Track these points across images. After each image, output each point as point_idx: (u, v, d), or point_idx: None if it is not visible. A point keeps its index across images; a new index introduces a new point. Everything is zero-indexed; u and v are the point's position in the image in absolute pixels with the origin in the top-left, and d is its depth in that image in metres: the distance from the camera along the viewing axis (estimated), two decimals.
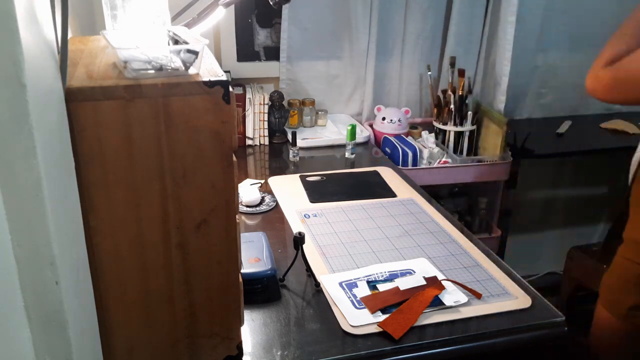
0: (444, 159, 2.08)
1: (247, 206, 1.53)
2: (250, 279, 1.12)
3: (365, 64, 2.23)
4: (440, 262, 1.26)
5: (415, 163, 2.03)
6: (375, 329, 1.03)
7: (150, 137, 0.77)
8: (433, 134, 2.19)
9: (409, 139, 2.13)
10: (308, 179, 1.72)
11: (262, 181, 1.71)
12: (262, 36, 2.22)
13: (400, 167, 1.96)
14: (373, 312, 1.07)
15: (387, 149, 2.09)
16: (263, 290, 1.16)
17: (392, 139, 2.09)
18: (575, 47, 2.46)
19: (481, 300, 1.12)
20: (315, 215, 1.48)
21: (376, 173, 1.78)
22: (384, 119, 2.17)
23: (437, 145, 2.16)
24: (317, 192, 1.63)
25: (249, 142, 2.02)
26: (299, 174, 1.75)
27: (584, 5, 2.39)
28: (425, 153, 2.09)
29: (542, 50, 2.42)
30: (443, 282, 1.15)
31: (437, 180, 2.08)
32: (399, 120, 2.16)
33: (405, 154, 2.02)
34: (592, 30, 2.45)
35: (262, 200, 1.57)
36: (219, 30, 2.10)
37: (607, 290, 1.40)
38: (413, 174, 1.95)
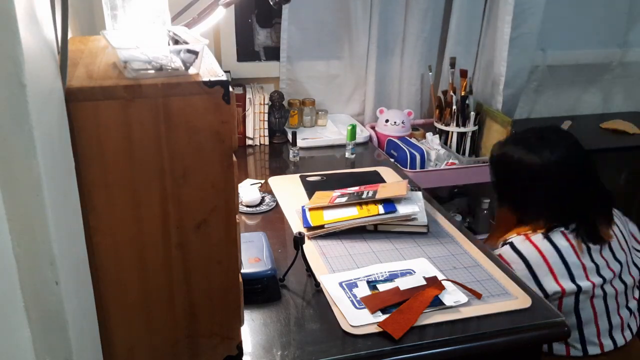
0: (450, 161, 2.07)
1: (247, 206, 1.53)
2: (250, 279, 1.12)
3: (366, 64, 2.23)
4: (440, 262, 1.26)
5: (422, 165, 2.02)
6: (375, 329, 1.03)
7: (150, 137, 0.77)
8: (437, 136, 2.18)
9: (413, 141, 2.12)
10: (308, 179, 1.72)
11: (262, 181, 1.71)
12: (262, 36, 2.22)
13: (408, 169, 1.95)
14: (373, 312, 1.07)
15: (392, 152, 2.08)
16: (263, 290, 1.16)
17: (397, 141, 2.08)
18: (574, 47, 2.46)
19: (481, 300, 1.12)
20: None
21: (376, 173, 1.78)
22: (387, 121, 2.16)
23: (442, 146, 2.15)
24: None
25: (249, 142, 2.02)
26: (299, 174, 1.75)
27: (582, 5, 2.39)
28: (433, 155, 2.08)
29: (542, 50, 2.42)
30: (443, 282, 1.15)
31: (447, 181, 2.07)
32: (402, 122, 2.15)
33: (413, 157, 2.00)
34: (592, 30, 2.45)
35: (262, 200, 1.57)
36: (219, 30, 2.10)
37: None
38: (422, 176, 1.94)
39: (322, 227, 1.36)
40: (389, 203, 1.41)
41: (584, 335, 1.30)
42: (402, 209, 1.38)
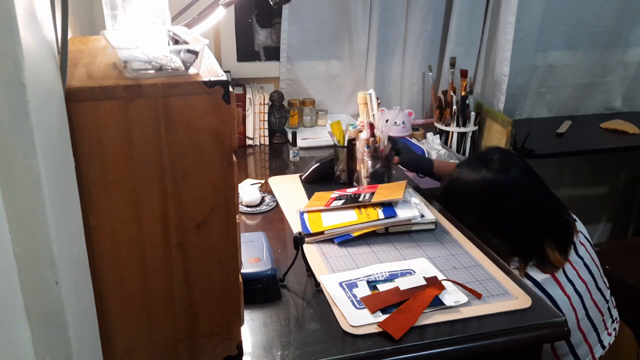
0: (450, 161, 2.07)
1: (247, 206, 1.53)
2: (250, 279, 1.12)
3: (366, 65, 2.23)
4: (440, 262, 1.26)
5: None
6: (375, 329, 1.03)
7: (150, 137, 0.77)
8: (438, 136, 2.18)
9: (413, 141, 2.12)
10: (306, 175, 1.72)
11: (262, 181, 1.71)
12: (262, 36, 2.22)
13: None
14: (373, 312, 1.07)
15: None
16: (263, 290, 1.16)
17: None
18: (574, 47, 2.46)
19: (481, 300, 1.12)
20: None
21: None
22: (387, 121, 2.16)
23: (442, 146, 2.15)
24: None
25: (249, 142, 2.02)
26: (299, 174, 1.75)
27: (583, 5, 2.39)
28: (434, 155, 2.08)
29: (542, 50, 2.42)
30: (443, 282, 1.15)
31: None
32: (402, 123, 2.15)
33: None
34: (592, 30, 2.45)
35: (262, 200, 1.57)
36: (219, 30, 2.10)
37: None
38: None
39: (322, 233, 1.35)
40: (388, 207, 1.41)
41: (579, 357, 1.29)
42: (402, 213, 1.37)
